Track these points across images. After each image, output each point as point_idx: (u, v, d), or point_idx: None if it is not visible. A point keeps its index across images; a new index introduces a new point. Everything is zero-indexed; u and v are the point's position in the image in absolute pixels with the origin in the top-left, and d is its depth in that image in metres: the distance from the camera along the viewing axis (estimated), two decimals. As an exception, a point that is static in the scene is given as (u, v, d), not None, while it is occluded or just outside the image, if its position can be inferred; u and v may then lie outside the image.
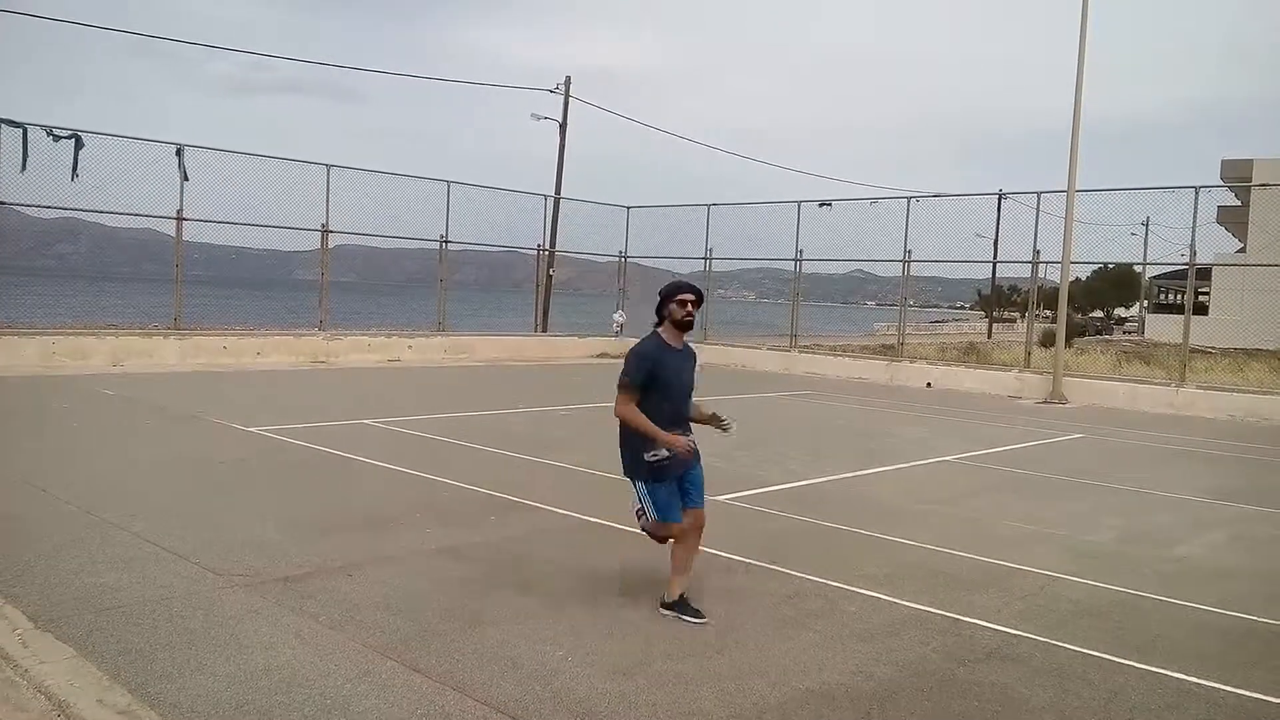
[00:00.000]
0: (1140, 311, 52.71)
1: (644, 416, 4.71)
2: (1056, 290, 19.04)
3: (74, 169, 15.80)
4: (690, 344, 5.05)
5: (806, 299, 23.61)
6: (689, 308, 4.79)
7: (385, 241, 22.75)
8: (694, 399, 5.00)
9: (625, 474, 4.91)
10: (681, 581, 4.86)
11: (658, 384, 4.72)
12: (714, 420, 5.01)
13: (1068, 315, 18.61)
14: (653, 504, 4.80)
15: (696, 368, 4.98)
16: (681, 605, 4.79)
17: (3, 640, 4.09)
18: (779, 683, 4.06)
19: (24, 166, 15.24)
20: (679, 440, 4.72)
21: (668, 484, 4.79)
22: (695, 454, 4.85)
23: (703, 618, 4.72)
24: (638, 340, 4.92)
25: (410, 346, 20.26)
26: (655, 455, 4.71)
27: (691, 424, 4.97)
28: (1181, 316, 19.13)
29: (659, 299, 4.89)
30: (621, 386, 4.75)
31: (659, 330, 4.88)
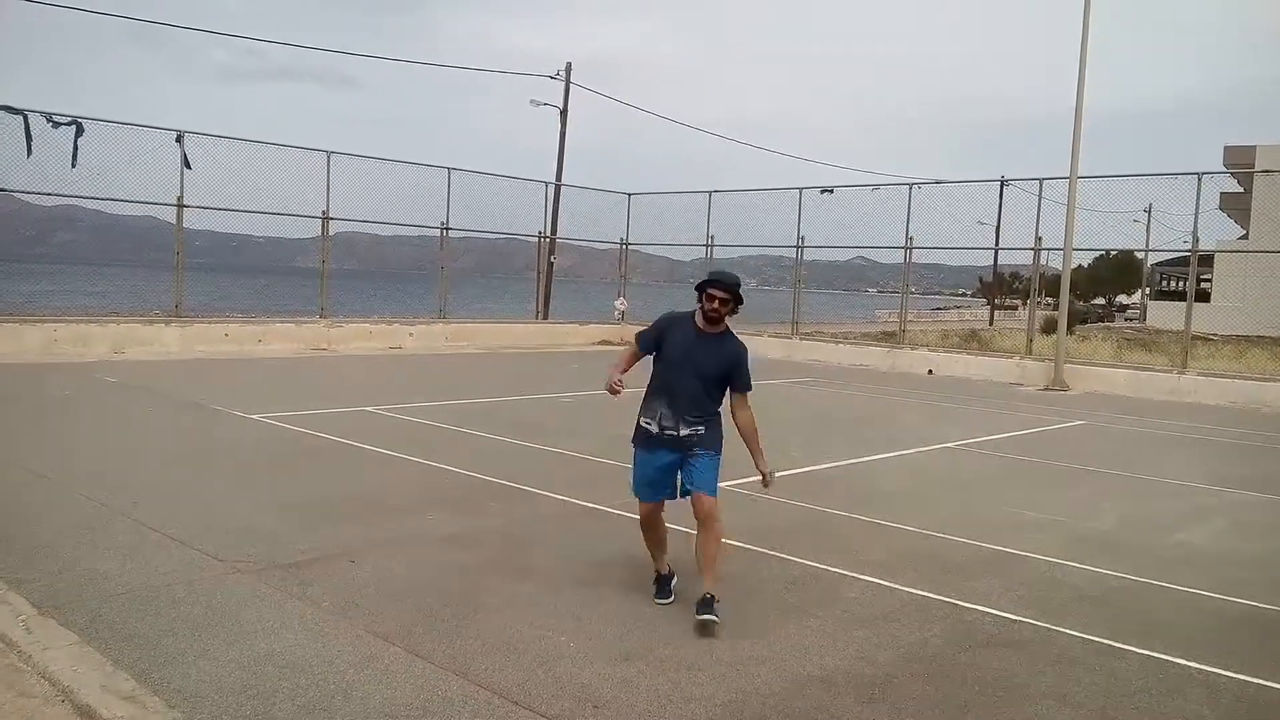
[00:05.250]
0: (1142, 298, 52.61)
1: (621, 360, 4.86)
2: (1058, 277, 18.99)
3: (74, 156, 15.75)
4: (737, 338, 4.80)
5: (808, 286, 23.57)
6: (715, 304, 4.63)
7: (386, 228, 22.69)
8: (761, 449, 4.79)
9: None
10: (708, 578, 4.57)
11: (660, 353, 4.76)
12: (760, 470, 4.78)
13: (1070, 302, 18.58)
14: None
15: (739, 361, 4.72)
16: (702, 605, 4.46)
17: (6, 627, 4.11)
18: (781, 668, 4.08)
19: (29, 152, 15.22)
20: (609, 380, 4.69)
21: (644, 453, 4.78)
22: (706, 444, 4.66)
23: (703, 615, 4.42)
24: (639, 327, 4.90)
25: (412, 333, 20.26)
26: (647, 420, 4.76)
27: (690, 426, 4.69)
28: (1183, 303, 19.08)
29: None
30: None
31: (695, 312, 4.80)
